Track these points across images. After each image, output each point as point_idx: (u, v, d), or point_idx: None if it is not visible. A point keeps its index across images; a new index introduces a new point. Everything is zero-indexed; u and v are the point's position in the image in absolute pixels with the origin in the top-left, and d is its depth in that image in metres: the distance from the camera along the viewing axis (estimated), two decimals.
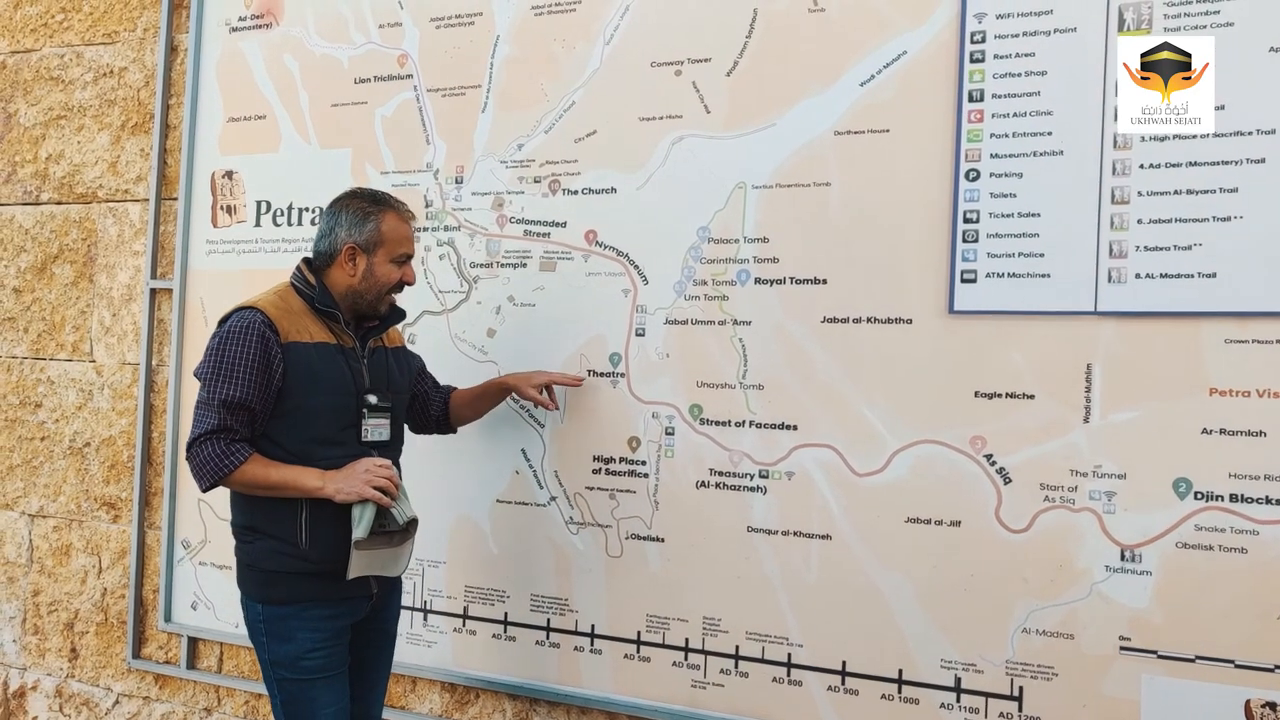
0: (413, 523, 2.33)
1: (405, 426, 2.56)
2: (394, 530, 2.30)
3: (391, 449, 2.44)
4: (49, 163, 3.64)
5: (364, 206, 2.35)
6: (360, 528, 2.22)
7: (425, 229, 2.96)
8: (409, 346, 2.78)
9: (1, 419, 3.71)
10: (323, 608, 2.29)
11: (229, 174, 3.27)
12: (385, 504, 2.25)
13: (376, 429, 2.37)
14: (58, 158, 3.62)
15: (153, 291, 3.41)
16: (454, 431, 2.75)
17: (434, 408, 2.67)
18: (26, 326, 3.68)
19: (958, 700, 2.36)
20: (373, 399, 2.36)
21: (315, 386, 2.26)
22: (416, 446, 2.84)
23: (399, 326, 2.57)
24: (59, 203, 3.63)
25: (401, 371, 2.51)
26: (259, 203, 3.21)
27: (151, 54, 3.48)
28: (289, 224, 3.15)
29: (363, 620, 2.41)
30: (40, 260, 3.66)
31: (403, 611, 2.93)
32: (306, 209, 3.13)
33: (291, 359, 2.24)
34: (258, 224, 3.21)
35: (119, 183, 3.52)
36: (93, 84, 3.58)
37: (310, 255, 2.41)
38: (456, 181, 2.93)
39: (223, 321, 2.29)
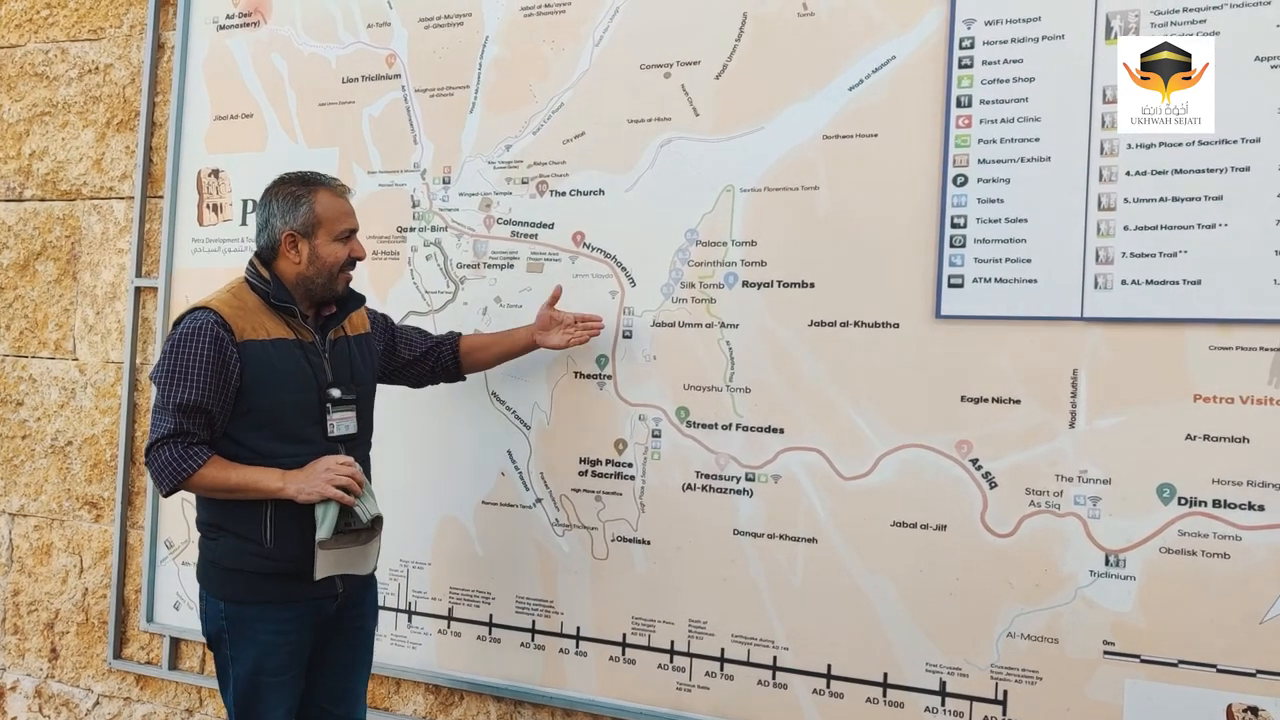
0: (377, 520, 2.29)
1: (373, 418, 2.49)
2: (360, 529, 2.26)
3: (359, 441, 2.40)
4: (33, 159, 3.61)
5: (293, 190, 2.29)
6: (324, 528, 2.18)
7: (412, 229, 2.95)
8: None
9: None
10: (285, 609, 2.27)
11: (215, 172, 3.25)
12: (348, 503, 2.21)
13: (342, 422, 2.32)
14: (42, 154, 3.60)
15: (137, 290, 3.39)
16: (462, 379, 2.71)
17: (419, 352, 2.62)
18: (9, 324, 3.65)
19: (942, 704, 2.37)
20: (335, 393, 2.31)
21: (275, 384, 2.23)
22: (402, 446, 2.84)
23: (362, 310, 2.51)
24: (43, 199, 3.60)
25: (365, 360, 2.46)
26: (245, 201, 3.19)
27: (138, 51, 3.46)
28: None
29: (333, 618, 2.37)
30: (23, 257, 3.63)
31: (387, 613, 2.92)
32: None
33: (247, 358, 2.21)
34: (244, 223, 3.19)
35: (104, 180, 3.50)
36: (78, 80, 3.55)
37: (256, 252, 2.35)
38: (444, 182, 2.92)
39: (177, 323, 2.25)
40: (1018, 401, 2.31)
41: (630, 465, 2.68)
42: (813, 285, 2.50)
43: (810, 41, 2.52)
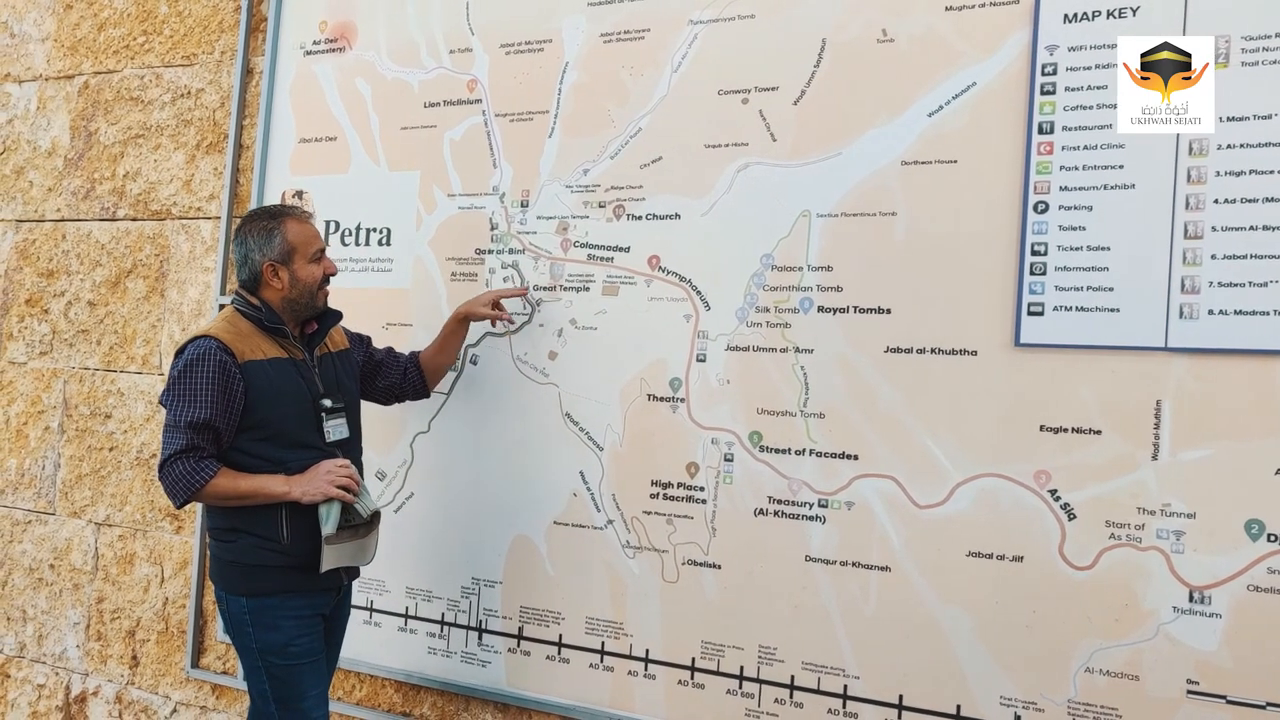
0: (376, 515, 2.56)
1: (361, 424, 2.71)
2: (359, 524, 2.50)
3: (352, 444, 2.62)
4: (126, 180, 3.73)
5: (265, 225, 2.50)
6: (329, 524, 2.41)
7: (490, 251, 2.99)
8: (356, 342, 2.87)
9: (73, 429, 3.80)
10: (302, 598, 2.49)
11: (299, 193, 3.33)
12: (349, 500, 2.45)
13: (336, 428, 2.56)
14: (135, 175, 3.72)
15: (221, 307, 3.48)
16: (427, 395, 2.90)
17: (395, 375, 2.84)
18: (99, 339, 3.77)
19: None
20: (327, 402, 2.54)
21: (276, 399, 2.45)
22: (475, 465, 2.86)
23: (340, 329, 2.75)
24: (134, 219, 3.72)
25: (347, 373, 2.68)
26: (328, 222, 3.27)
27: (228, 76, 3.56)
28: (357, 244, 3.20)
29: (332, 615, 2.63)
30: (115, 275, 3.75)
31: (458, 630, 2.97)
32: (374, 229, 3.18)
33: (250, 377, 2.42)
34: (326, 243, 3.26)
35: (192, 200, 3.61)
36: (170, 104, 3.67)
37: (240, 285, 2.55)
38: (522, 205, 2.96)
39: (179, 352, 2.44)
40: (1098, 432, 2.27)
41: (702, 489, 2.68)
42: (889, 311, 2.49)
43: (889, 68, 2.51)
